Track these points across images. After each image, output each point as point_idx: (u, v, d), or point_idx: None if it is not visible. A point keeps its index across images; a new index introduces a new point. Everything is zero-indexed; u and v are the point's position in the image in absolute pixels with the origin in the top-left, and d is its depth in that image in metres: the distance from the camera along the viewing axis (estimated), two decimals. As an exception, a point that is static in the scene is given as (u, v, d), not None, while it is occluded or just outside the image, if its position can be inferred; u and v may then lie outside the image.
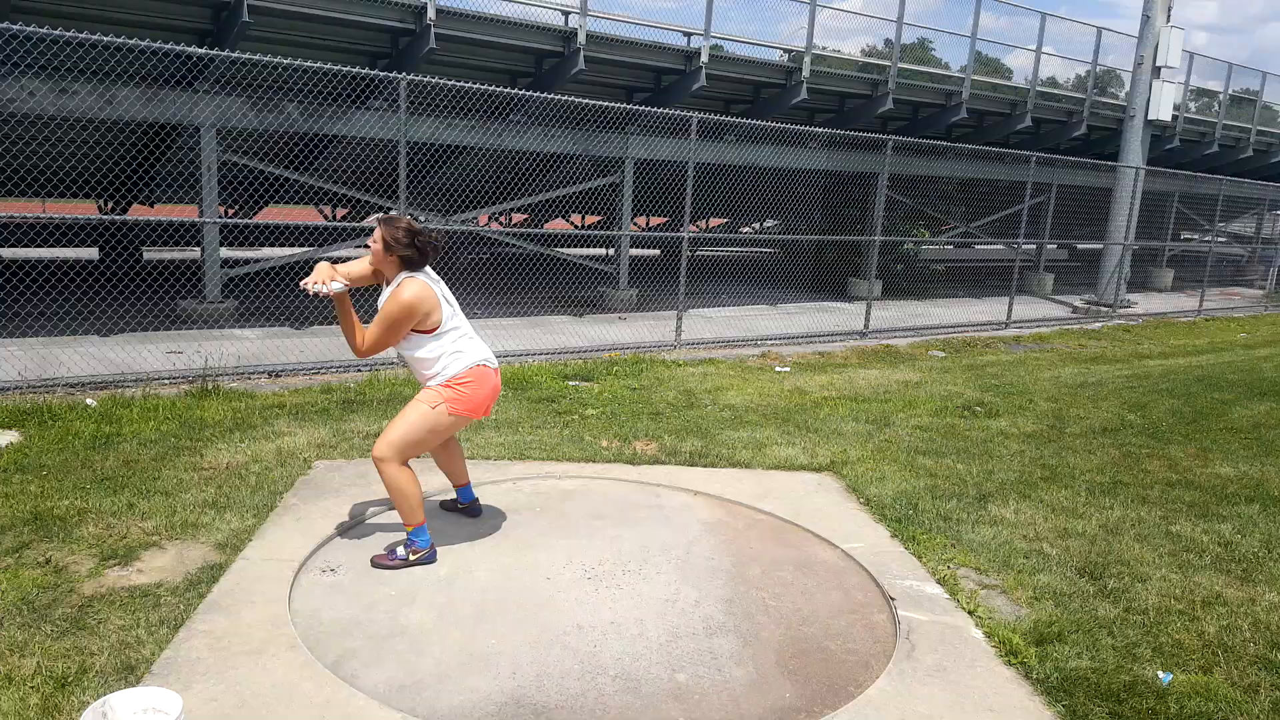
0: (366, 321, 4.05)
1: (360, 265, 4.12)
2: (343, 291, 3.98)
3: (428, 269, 4.09)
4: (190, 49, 7.45)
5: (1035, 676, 3.34)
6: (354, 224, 10.51)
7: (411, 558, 4.05)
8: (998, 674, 3.36)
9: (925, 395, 8.16)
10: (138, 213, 14.91)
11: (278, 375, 7.70)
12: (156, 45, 7.12)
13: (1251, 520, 5.16)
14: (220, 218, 10.47)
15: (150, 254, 16.34)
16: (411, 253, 3.98)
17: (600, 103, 9.87)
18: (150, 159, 11.45)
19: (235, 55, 7.51)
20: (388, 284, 4.06)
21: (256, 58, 7.49)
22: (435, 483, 4.88)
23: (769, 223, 22.36)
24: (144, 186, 12.98)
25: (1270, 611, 3.96)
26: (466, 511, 4.69)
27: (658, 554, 4.32)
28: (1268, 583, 4.29)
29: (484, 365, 4.11)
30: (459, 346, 4.07)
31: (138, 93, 8.81)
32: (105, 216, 8.34)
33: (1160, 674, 3.36)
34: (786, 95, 13.48)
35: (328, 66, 7.99)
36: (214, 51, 7.49)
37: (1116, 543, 4.70)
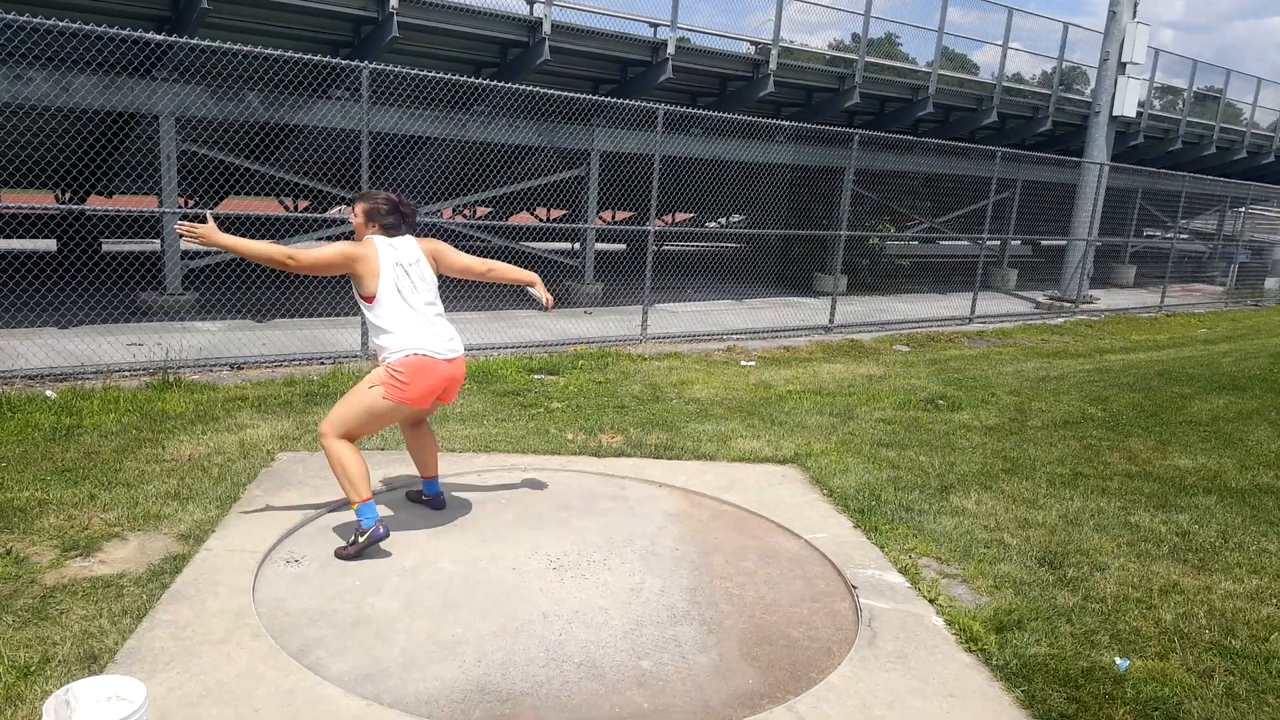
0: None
1: (318, 253, 4.07)
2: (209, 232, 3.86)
3: (400, 242, 4.14)
4: (148, 35, 7.32)
5: (995, 663, 3.39)
6: (316, 215, 10.39)
7: (360, 539, 3.97)
8: (958, 660, 3.41)
9: (889, 389, 8.24)
10: (96, 203, 14.67)
11: (240, 368, 7.61)
12: (113, 31, 6.99)
13: (1208, 511, 5.27)
14: (180, 208, 10.31)
15: (109, 245, 16.06)
16: (394, 218, 4.13)
17: (566, 94, 9.84)
18: (108, 148, 11.24)
19: (194, 42, 7.39)
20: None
21: (216, 45, 7.39)
22: (404, 472, 4.86)
23: (735, 217, 22.43)
24: (102, 176, 12.74)
25: (1225, 599, 4.05)
26: (430, 504, 4.65)
27: (623, 545, 4.33)
28: (1223, 571, 4.39)
29: (421, 354, 4.00)
30: (391, 326, 4.02)
31: (94, 80, 8.65)
32: (63, 207, 8.19)
33: (1117, 660, 3.42)
34: (753, 88, 13.52)
35: (289, 54, 7.89)
36: (172, 38, 7.36)
37: (1076, 533, 4.78)
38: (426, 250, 4.23)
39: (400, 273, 4.08)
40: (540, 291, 4.52)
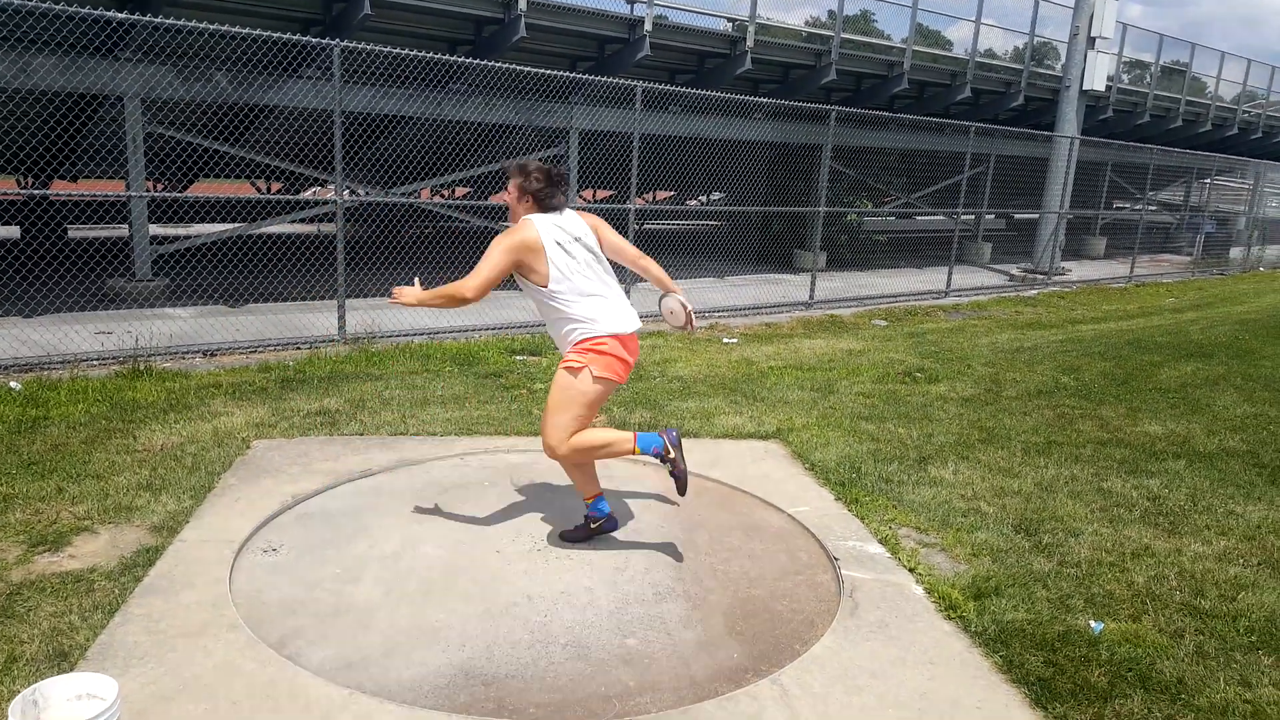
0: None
1: (485, 268, 3.70)
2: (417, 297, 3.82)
3: (561, 218, 3.80)
4: (111, 14, 7.16)
5: (974, 629, 3.43)
6: (289, 197, 10.25)
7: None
8: (938, 628, 3.44)
9: (868, 363, 8.27)
10: (61, 188, 14.40)
11: (213, 354, 7.51)
12: (75, 10, 6.84)
13: (1178, 475, 5.33)
14: (148, 192, 10.13)
15: (76, 232, 15.80)
16: (549, 189, 3.78)
17: (543, 71, 9.74)
18: (72, 131, 11.02)
19: (159, 21, 7.24)
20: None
21: (182, 23, 7.23)
22: (353, 464, 4.80)
23: (716, 195, 22.38)
24: (66, 160, 12.50)
25: (1195, 561, 4.11)
26: (605, 528, 4.18)
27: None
28: (1193, 534, 4.45)
29: (611, 331, 3.77)
30: (573, 308, 3.74)
31: (55, 61, 8.45)
32: (26, 192, 8.01)
33: (1092, 623, 3.47)
34: (731, 65, 13.45)
35: (258, 33, 7.74)
36: (136, 17, 7.20)
37: (1051, 500, 4.83)
38: (589, 224, 3.90)
39: (569, 249, 3.76)
40: (679, 302, 4.05)
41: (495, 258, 3.64)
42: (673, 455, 3.74)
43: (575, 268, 3.75)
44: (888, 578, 3.84)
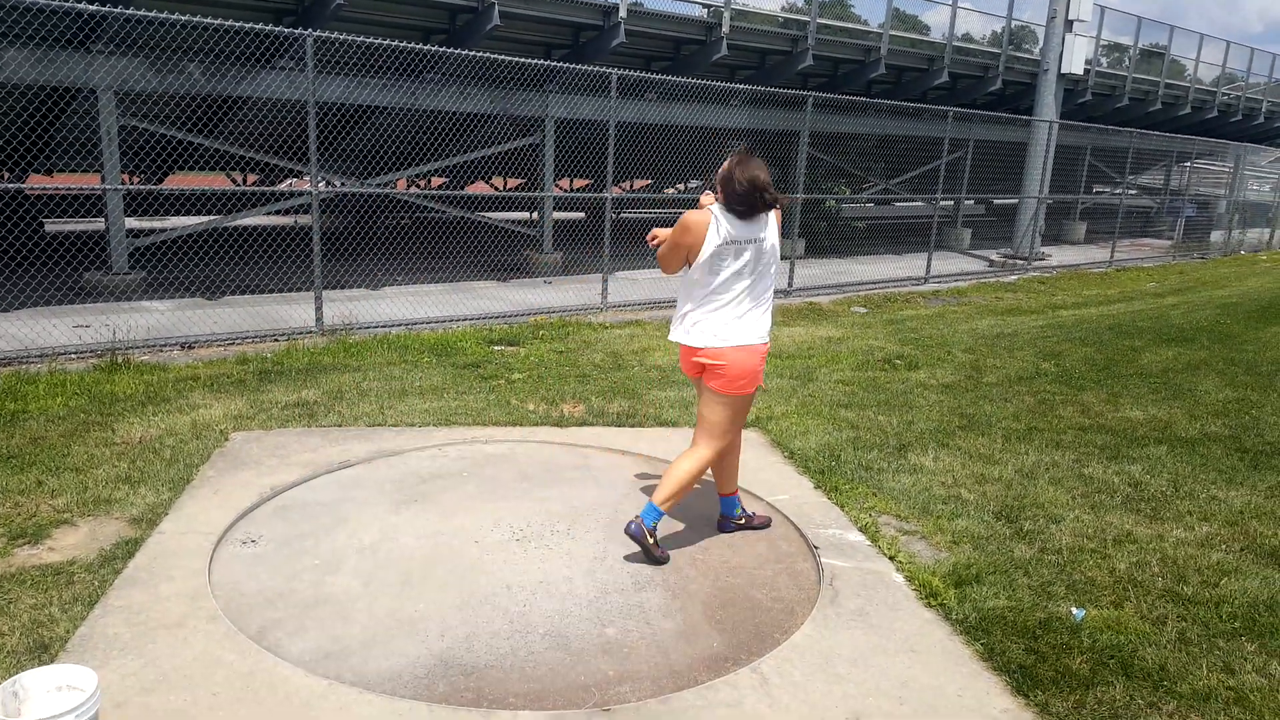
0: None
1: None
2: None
3: (753, 222, 3.67)
4: (83, 6, 7.06)
5: (954, 617, 3.44)
6: (265, 189, 10.16)
7: (651, 540, 3.80)
8: (918, 616, 3.46)
9: (847, 350, 8.29)
10: (36, 182, 14.22)
11: (191, 347, 7.45)
12: (46, 2, 6.74)
13: (1160, 461, 5.37)
14: (124, 185, 10.02)
15: (52, 226, 15.62)
16: (742, 207, 3.64)
17: (518, 59, 9.68)
18: (46, 124, 10.88)
19: (131, 13, 7.16)
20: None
21: (154, 15, 7.16)
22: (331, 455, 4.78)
23: (694, 183, 22.34)
24: (41, 154, 12.35)
25: (1177, 547, 4.14)
26: (752, 523, 4.26)
27: (586, 514, 4.32)
28: (1175, 520, 4.48)
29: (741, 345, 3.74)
30: (699, 315, 3.73)
31: (27, 54, 8.34)
32: (1, 186, 7.91)
33: (1074, 610, 3.49)
34: (707, 52, 13.42)
35: (230, 24, 7.65)
36: (108, 9, 7.11)
37: (1031, 486, 4.86)
38: (777, 232, 3.77)
39: (748, 251, 3.68)
40: None
41: (675, 230, 3.76)
42: (655, 542, 3.82)
43: (729, 269, 3.71)
44: (868, 565, 3.86)
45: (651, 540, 3.78)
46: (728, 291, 3.71)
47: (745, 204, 3.63)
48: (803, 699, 2.91)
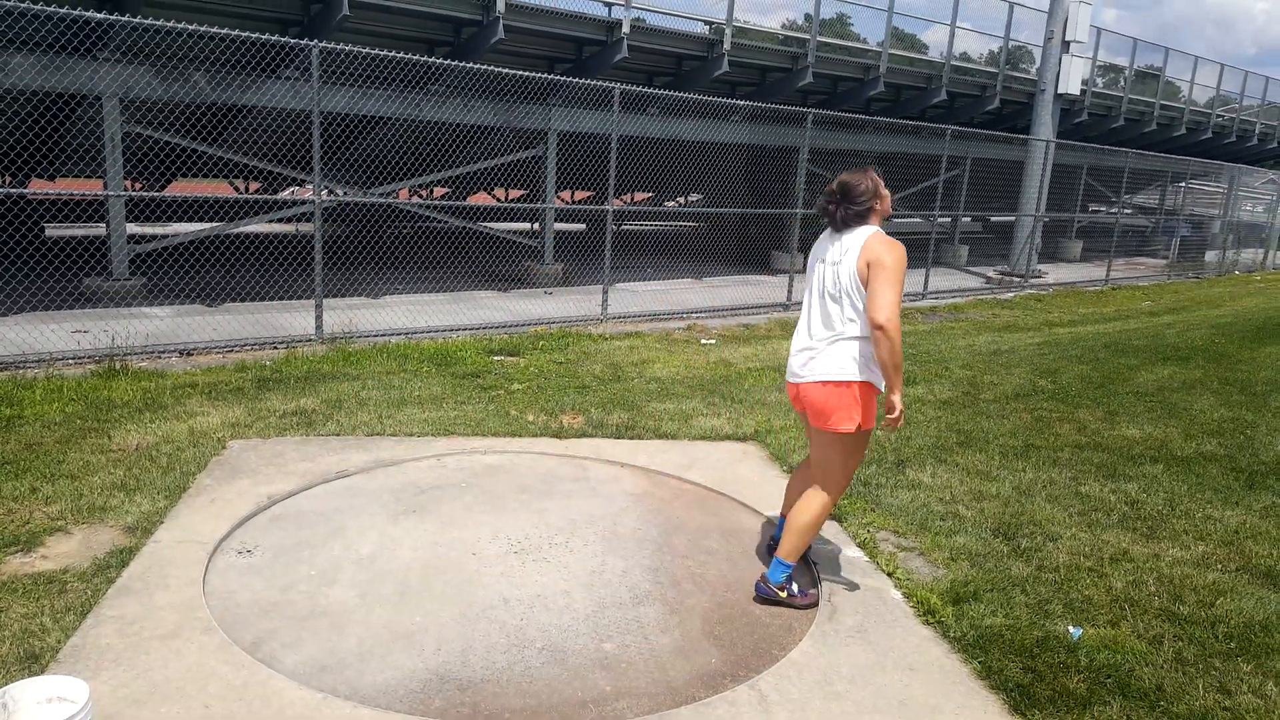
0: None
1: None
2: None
3: (839, 236, 3.56)
4: (89, 14, 7.10)
5: (952, 635, 3.44)
6: (267, 197, 10.17)
7: (797, 593, 3.64)
8: (916, 633, 3.45)
9: (847, 365, 8.28)
10: (38, 187, 14.23)
11: (189, 354, 7.44)
12: (52, 9, 6.77)
13: (1156, 479, 5.38)
14: (126, 191, 10.03)
15: (53, 230, 15.62)
16: (823, 215, 3.52)
17: (521, 73, 9.72)
18: (50, 130, 10.90)
19: (137, 21, 7.17)
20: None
21: (160, 24, 7.17)
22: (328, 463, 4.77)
23: (694, 197, 22.41)
24: (44, 159, 12.36)
25: (1174, 566, 4.14)
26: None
27: (584, 526, 4.32)
28: (1171, 538, 4.48)
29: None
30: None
31: (34, 60, 8.36)
32: (3, 191, 7.93)
33: (1071, 629, 3.48)
34: (708, 68, 13.48)
35: (236, 33, 7.69)
36: (114, 17, 7.13)
37: (1029, 504, 4.86)
38: (865, 259, 3.43)
39: (819, 272, 3.53)
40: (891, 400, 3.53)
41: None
42: (803, 593, 3.66)
43: (816, 291, 3.55)
44: (866, 582, 3.86)
45: (785, 594, 3.60)
46: (802, 314, 3.63)
47: (823, 211, 3.49)
48: (801, 717, 2.90)
